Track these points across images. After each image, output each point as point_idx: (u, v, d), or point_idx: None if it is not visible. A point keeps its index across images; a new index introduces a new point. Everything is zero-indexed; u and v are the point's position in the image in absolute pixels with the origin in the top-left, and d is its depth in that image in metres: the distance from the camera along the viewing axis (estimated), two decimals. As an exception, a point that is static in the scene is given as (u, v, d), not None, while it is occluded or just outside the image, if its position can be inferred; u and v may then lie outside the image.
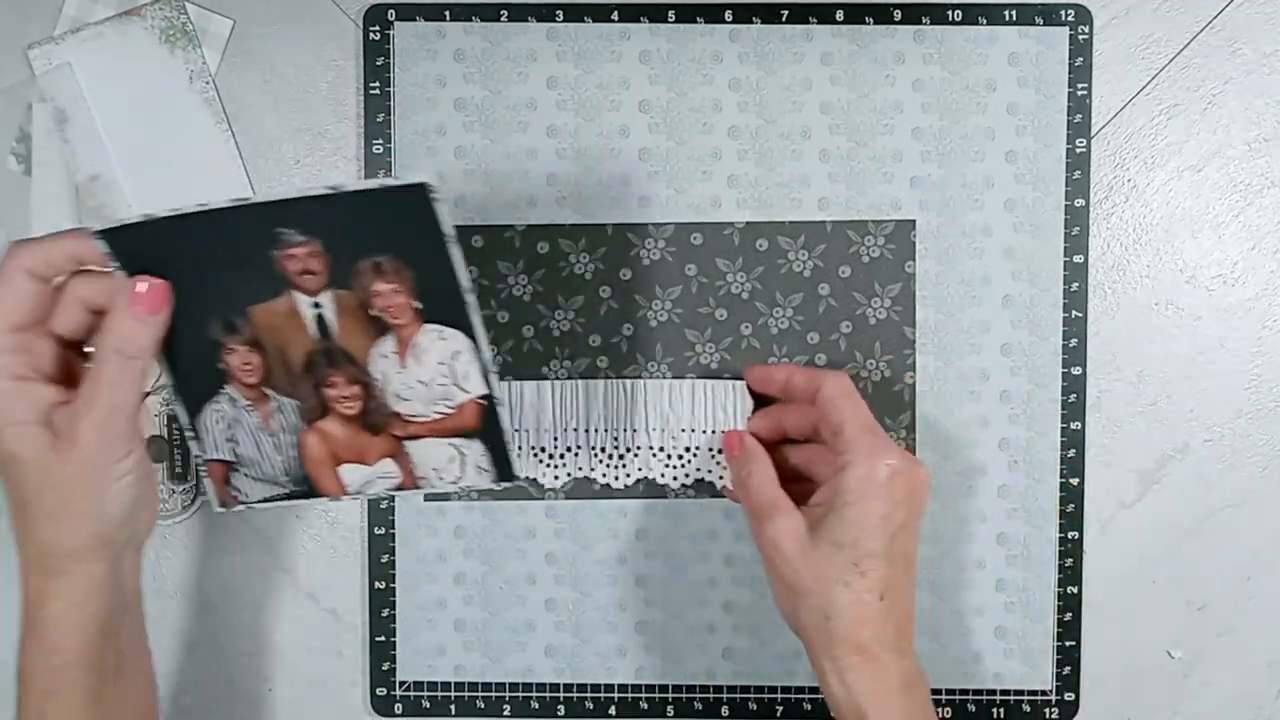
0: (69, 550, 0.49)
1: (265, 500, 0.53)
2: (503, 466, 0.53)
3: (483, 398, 0.51)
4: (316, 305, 0.49)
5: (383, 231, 0.47)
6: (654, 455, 0.60)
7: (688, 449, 0.60)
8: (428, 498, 0.61)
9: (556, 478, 0.61)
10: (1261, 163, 0.61)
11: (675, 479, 0.60)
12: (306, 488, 0.53)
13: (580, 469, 0.61)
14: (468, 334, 0.49)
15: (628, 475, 0.61)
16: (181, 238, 0.47)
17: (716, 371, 0.60)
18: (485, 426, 0.51)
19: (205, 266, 0.48)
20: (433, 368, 0.50)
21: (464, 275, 0.48)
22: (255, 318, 0.49)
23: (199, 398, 0.51)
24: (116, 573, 0.50)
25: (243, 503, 0.53)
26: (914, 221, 0.60)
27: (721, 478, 0.60)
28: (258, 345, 0.50)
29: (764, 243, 0.60)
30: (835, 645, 0.52)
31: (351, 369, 0.50)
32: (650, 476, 0.61)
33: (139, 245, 0.47)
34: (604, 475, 0.61)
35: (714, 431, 0.59)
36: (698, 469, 0.60)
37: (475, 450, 0.52)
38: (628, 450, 0.60)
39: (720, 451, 0.60)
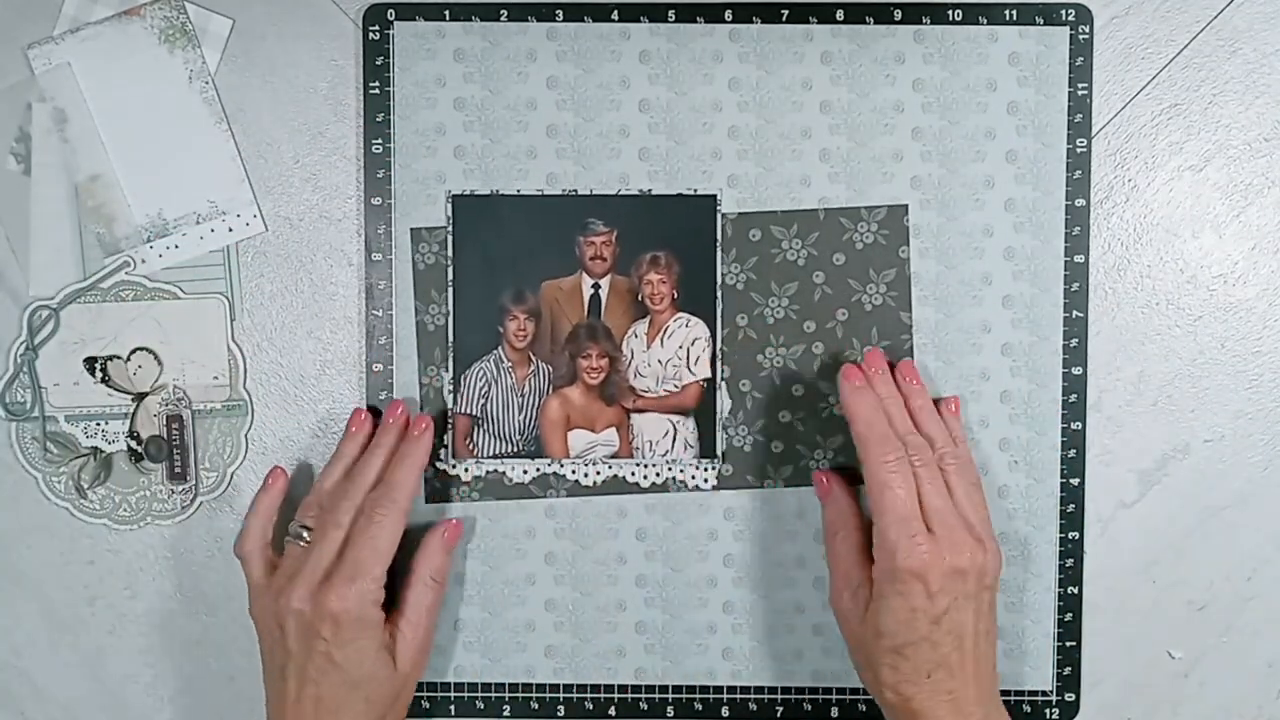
0: None
1: (494, 456, 0.60)
2: (707, 443, 0.60)
3: (705, 381, 0.60)
4: (596, 286, 0.59)
5: (668, 230, 0.59)
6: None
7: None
8: (429, 499, 0.61)
9: (525, 472, 0.61)
10: (1262, 163, 0.61)
11: (645, 477, 0.61)
12: (534, 448, 0.60)
13: (549, 465, 0.61)
14: (709, 324, 0.59)
15: (597, 473, 0.61)
16: (510, 213, 0.59)
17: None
18: (701, 407, 0.60)
19: (518, 241, 0.59)
20: (673, 350, 0.59)
21: (719, 273, 0.59)
22: (543, 291, 0.59)
23: (472, 355, 0.59)
24: None
25: (474, 456, 0.60)
26: (906, 206, 0.60)
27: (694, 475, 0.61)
28: (535, 315, 0.59)
29: (756, 233, 0.60)
30: (889, 712, 0.55)
31: (607, 344, 0.59)
32: (620, 475, 0.61)
33: (475, 212, 0.58)
34: (573, 472, 0.61)
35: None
36: (669, 466, 0.61)
37: (688, 427, 0.60)
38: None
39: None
